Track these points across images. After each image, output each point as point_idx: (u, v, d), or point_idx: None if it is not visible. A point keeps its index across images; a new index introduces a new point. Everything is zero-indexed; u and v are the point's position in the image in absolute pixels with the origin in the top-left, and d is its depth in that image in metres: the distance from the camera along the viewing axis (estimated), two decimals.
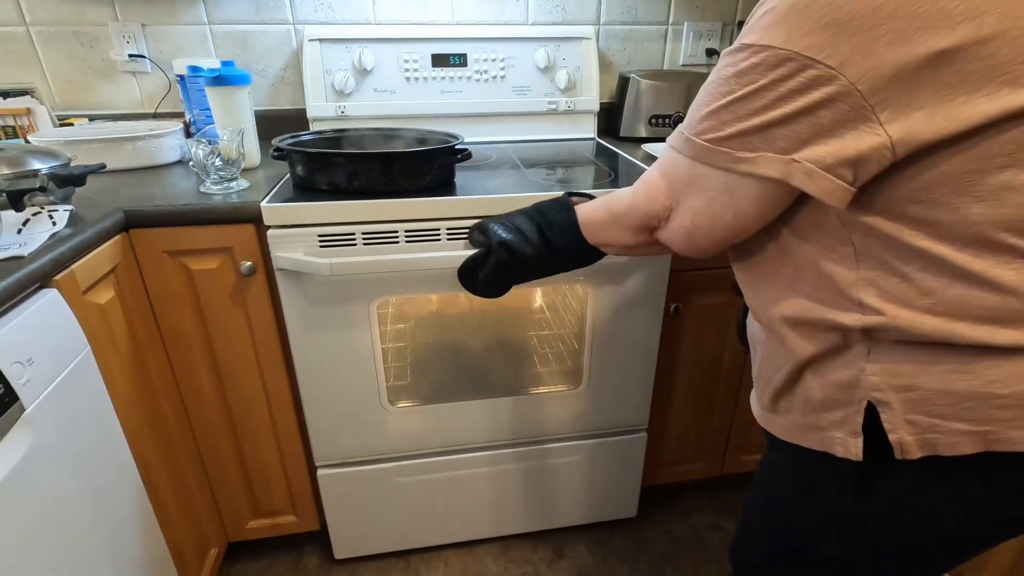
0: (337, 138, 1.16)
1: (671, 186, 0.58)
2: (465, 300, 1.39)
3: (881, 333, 0.51)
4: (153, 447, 0.97)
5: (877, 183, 0.47)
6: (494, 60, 1.42)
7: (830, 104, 0.44)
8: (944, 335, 0.48)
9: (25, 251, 0.73)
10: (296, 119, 1.44)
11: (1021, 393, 0.47)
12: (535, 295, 1.46)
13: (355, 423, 1.15)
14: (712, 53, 1.58)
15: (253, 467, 1.19)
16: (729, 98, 0.48)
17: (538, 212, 0.76)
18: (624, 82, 1.49)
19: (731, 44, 1.56)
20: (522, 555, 1.35)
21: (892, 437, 0.51)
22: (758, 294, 0.62)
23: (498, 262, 0.75)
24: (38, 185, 0.72)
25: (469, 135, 1.44)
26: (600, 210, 0.71)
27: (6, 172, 0.80)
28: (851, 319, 0.52)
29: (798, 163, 0.46)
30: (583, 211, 0.73)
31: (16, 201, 0.70)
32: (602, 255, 0.75)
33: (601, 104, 1.51)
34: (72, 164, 0.91)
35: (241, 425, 1.14)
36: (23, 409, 0.65)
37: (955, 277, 0.47)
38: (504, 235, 0.75)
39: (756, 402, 0.68)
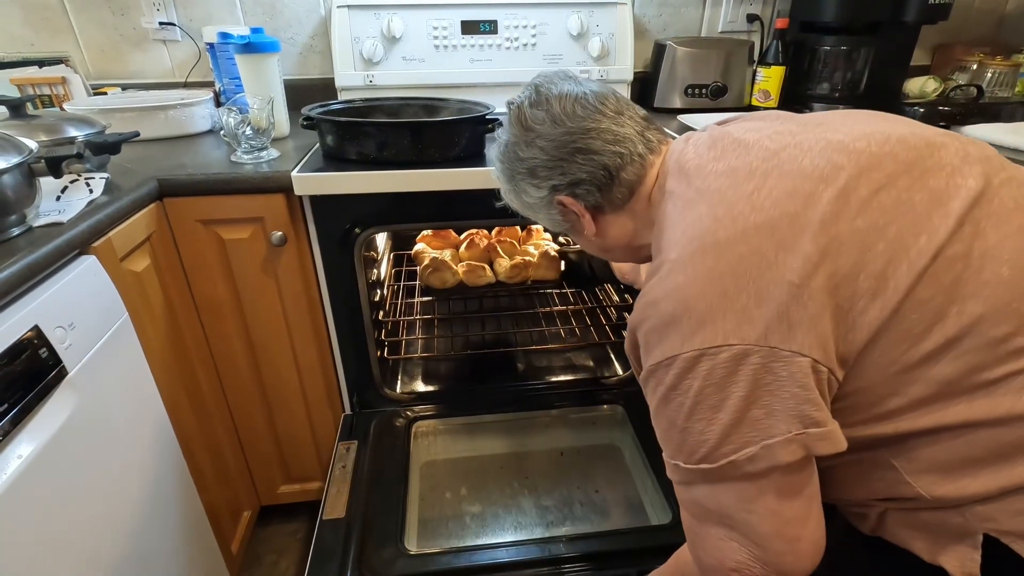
0: (367, 108, 1.15)
1: (737, 529, 0.51)
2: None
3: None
4: (189, 412, 0.99)
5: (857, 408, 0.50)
6: (525, 27, 1.38)
7: (766, 369, 0.46)
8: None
9: (64, 218, 0.74)
10: (324, 88, 1.43)
11: None
12: None
13: None
14: (754, 19, 1.51)
15: (284, 434, 1.21)
16: (682, 415, 0.49)
17: None
18: (660, 50, 1.43)
19: (772, 11, 1.50)
20: None
21: None
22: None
23: None
24: (75, 152, 0.72)
25: (499, 105, 1.40)
26: (669, 567, 0.69)
27: (44, 139, 0.81)
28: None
29: (804, 434, 0.47)
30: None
31: (55, 168, 0.71)
32: None
33: (635, 73, 1.46)
34: (107, 132, 0.91)
35: (272, 393, 1.16)
36: (66, 372, 0.66)
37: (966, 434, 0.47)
38: None
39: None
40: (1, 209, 0.67)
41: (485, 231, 1.42)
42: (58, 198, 0.80)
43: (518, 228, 1.47)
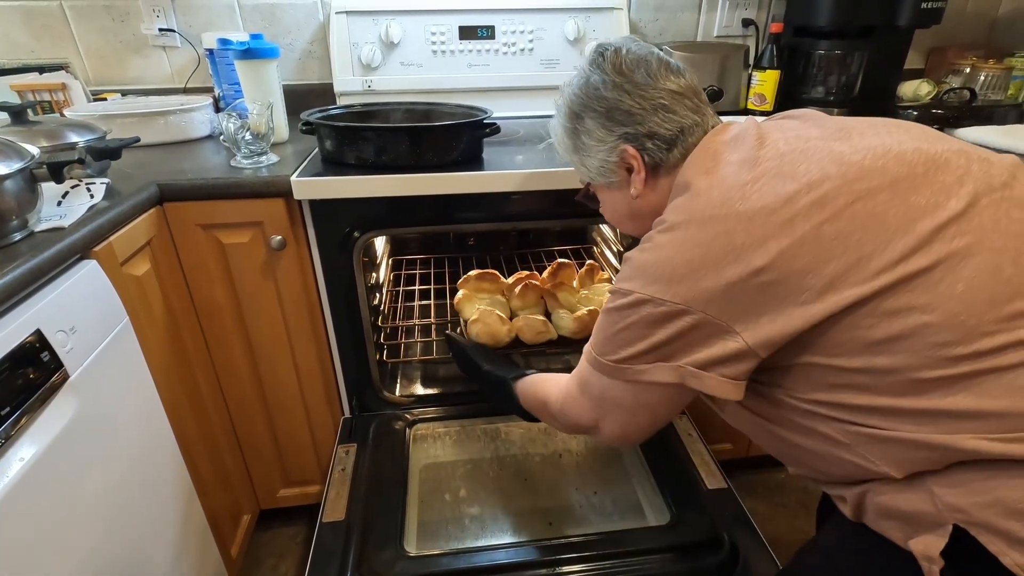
0: (365, 113, 1.16)
1: (594, 403, 0.68)
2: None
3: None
4: (189, 416, 1.00)
5: (799, 372, 0.57)
6: (522, 32, 1.39)
7: (693, 328, 0.56)
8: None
9: (65, 222, 0.74)
10: (323, 93, 1.44)
11: None
12: None
13: None
14: (748, 23, 1.52)
15: (283, 437, 1.22)
16: (616, 328, 0.62)
17: (489, 386, 0.96)
18: None
19: (767, 16, 1.51)
20: None
21: (1005, 560, 0.47)
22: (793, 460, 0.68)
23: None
24: (76, 158, 0.73)
25: (497, 109, 1.40)
26: (537, 399, 0.83)
27: (45, 145, 0.82)
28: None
29: (683, 367, 0.58)
30: (524, 392, 0.87)
31: (56, 173, 0.72)
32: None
33: None
34: (107, 138, 0.92)
35: (272, 396, 1.16)
36: (67, 376, 0.67)
37: (918, 422, 0.51)
38: (466, 374, 1.05)
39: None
40: (3, 214, 0.67)
41: (537, 274, 1.26)
42: (59, 203, 0.81)
43: (574, 267, 1.29)
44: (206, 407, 1.07)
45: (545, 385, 0.82)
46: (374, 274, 1.36)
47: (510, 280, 1.23)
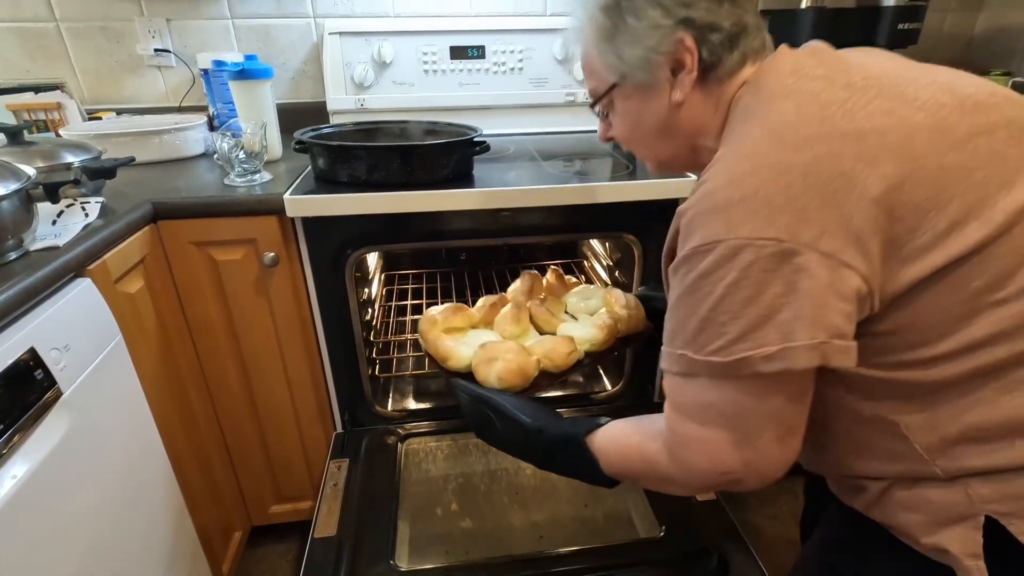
0: (357, 131, 1.18)
1: (732, 430, 0.49)
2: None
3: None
4: (181, 433, 1.00)
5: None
6: (512, 52, 1.42)
7: (809, 274, 0.44)
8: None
9: (60, 241, 0.76)
10: (316, 111, 1.46)
11: None
12: None
13: None
14: None
15: (275, 453, 1.22)
16: (709, 303, 0.47)
17: (543, 452, 0.67)
18: None
19: None
20: None
21: None
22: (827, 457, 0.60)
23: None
24: (72, 178, 0.75)
25: (487, 127, 1.43)
26: (631, 459, 0.60)
27: (41, 165, 0.83)
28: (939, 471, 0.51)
29: (828, 343, 0.45)
30: (607, 453, 0.62)
31: (52, 193, 0.73)
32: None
33: None
34: (103, 157, 0.94)
35: (264, 412, 1.16)
36: (60, 393, 0.67)
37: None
38: (490, 438, 0.72)
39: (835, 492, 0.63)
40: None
41: (506, 295, 1.01)
42: (54, 222, 0.82)
43: (540, 278, 1.07)
44: (198, 423, 1.07)
45: (632, 435, 0.61)
46: (366, 289, 1.37)
47: (476, 309, 0.96)
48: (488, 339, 0.86)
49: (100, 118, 1.37)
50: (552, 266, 1.13)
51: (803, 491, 0.95)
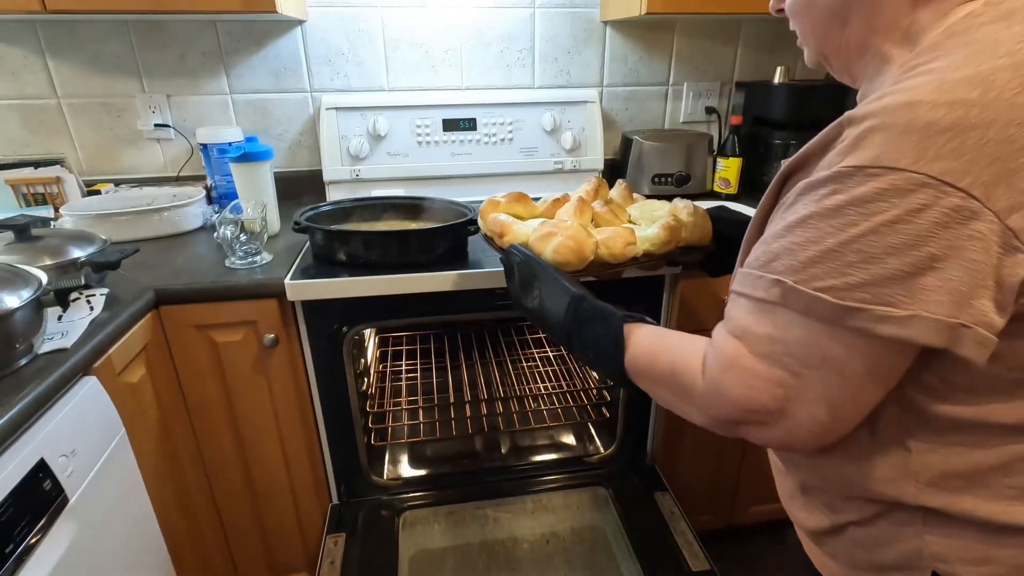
0: (354, 208, 1.21)
1: (787, 368, 0.43)
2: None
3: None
4: (178, 516, 1.00)
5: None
6: (502, 124, 1.48)
7: (979, 241, 0.36)
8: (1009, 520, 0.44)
9: (68, 342, 0.77)
10: (312, 179, 1.50)
11: None
12: None
13: None
14: (711, 111, 1.64)
15: (271, 526, 1.21)
16: (847, 235, 0.39)
17: (575, 317, 0.65)
18: (627, 143, 1.54)
19: (728, 104, 1.64)
20: None
21: None
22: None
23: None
24: (83, 283, 0.77)
25: (478, 194, 1.48)
26: (661, 362, 0.56)
27: (48, 263, 0.85)
28: (907, 496, 0.47)
29: (968, 328, 0.38)
30: (638, 350, 0.58)
31: (62, 298, 0.75)
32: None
33: (606, 160, 1.57)
34: (108, 247, 0.96)
35: (260, 487, 1.17)
36: (67, 500, 0.68)
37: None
38: (527, 303, 0.73)
39: (794, 513, 0.60)
40: (11, 341, 0.70)
41: (566, 192, 0.99)
42: (60, 317, 0.84)
43: (607, 185, 1.02)
44: (194, 504, 1.07)
45: (675, 345, 0.55)
46: (362, 360, 1.39)
47: (540, 203, 0.97)
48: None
49: (99, 190, 1.39)
50: (621, 180, 1.06)
51: None
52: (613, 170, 1.63)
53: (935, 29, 0.44)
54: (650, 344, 0.58)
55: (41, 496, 0.64)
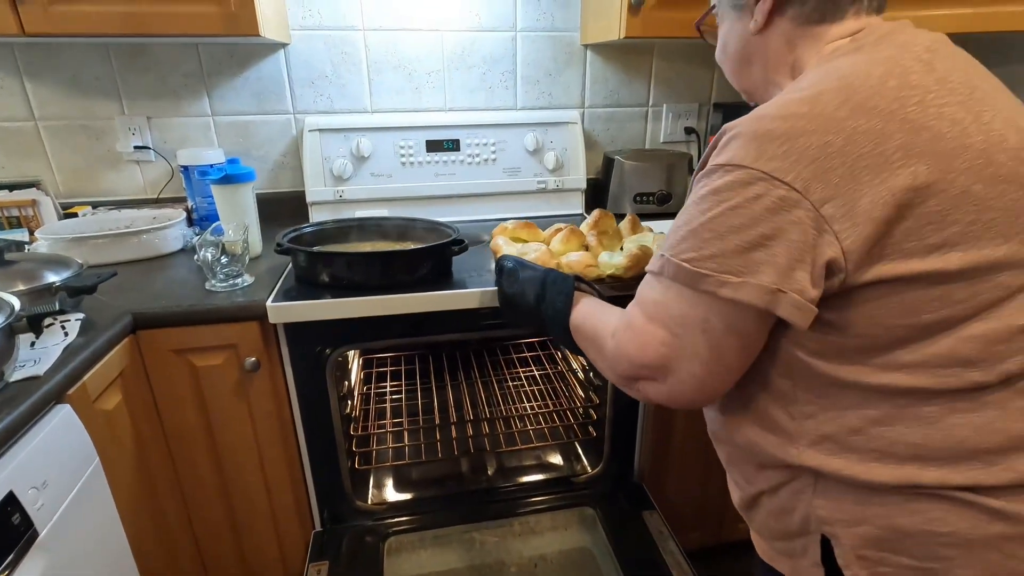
0: (337, 229, 1.20)
1: (669, 330, 0.53)
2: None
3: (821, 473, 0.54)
4: (155, 548, 0.97)
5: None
6: (485, 144, 1.49)
7: (798, 225, 0.47)
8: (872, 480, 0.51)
9: (40, 369, 0.75)
10: (295, 201, 1.49)
11: (962, 532, 0.48)
12: None
13: None
14: (690, 131, 1.68)
15: (251, 555, 1.18)
16: (708, 216, 0.50)
17: (543, 284, 0.81)
18: (609, 163, 1.57)
19: (707, 124, 1.67)
20: None
21: (847, 574, 0.53)
22: (723, 410, 0.63)
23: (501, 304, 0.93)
24: (57, 308, 0.75)
25: (462, 215, 1.50)
26: (591, 325, 0.68)
27: (22, 288, 0.83)
28: (792, 457, 0.55)
29: (784, 293, 0.47)
30: (579, 313, 0.72)
31: (35, 325, 0.73)
32: None
33: (588, 180, 1.59)
34: (84, 270, 0.94)
35: (240, 514, 1.14)
36: (36, 535, 0.66)
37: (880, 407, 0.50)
38: (507, 289, 0.89)
39: (737, 503, 0.69)
40: None
41: (575, 226, 1.13)
42: (33, 343, 0.82)
43: (613, 218, 1.17)
44: (172, 535, 1.04)
45: (604, 313, 0.68)
46: (346, 382, 1.37)
47: (546, 232, 1.13)
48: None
49: (76, 213, 1.37)
50: (630, 215, 1.21)
51: None
52: (596, 189, 1.65)
53: (811, 62, 0.58)
54: (588, 309, 0.71)
55: (9, 530, 0.62)
